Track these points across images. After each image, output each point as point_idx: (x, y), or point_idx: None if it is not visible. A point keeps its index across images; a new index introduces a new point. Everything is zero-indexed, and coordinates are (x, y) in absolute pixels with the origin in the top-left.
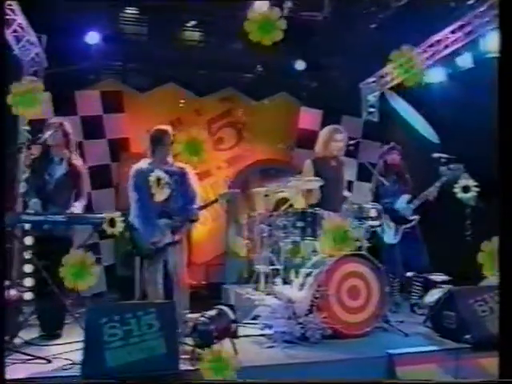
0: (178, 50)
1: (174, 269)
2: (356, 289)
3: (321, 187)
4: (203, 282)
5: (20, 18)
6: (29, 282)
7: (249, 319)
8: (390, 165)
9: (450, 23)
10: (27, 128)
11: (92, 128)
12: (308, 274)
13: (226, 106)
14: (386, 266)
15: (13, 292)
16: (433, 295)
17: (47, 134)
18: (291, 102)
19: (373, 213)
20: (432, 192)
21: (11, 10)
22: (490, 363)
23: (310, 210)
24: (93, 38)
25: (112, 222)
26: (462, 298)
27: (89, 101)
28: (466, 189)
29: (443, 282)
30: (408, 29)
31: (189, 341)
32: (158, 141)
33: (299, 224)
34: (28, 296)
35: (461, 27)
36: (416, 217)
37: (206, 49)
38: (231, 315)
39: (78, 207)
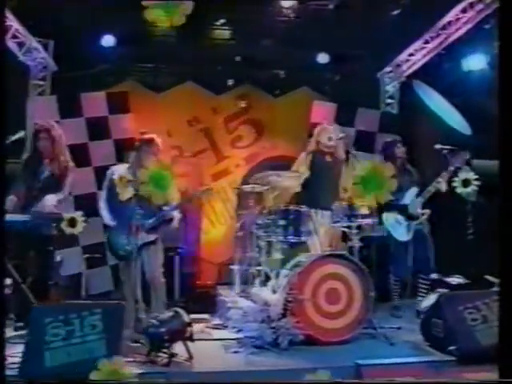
0: (194, 48)
1: (148, 269)
2: (335, 292)
3: (313, 183)
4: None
5: (16, 25)
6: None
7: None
8: (390, 159)
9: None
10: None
11: (97, 129)
12: (286, 276)
13: (243, 103)
14: (395, 266)
15: None
16: (430, 300)
17: (17, 135)
18: (313, 97)
19: (364, 210)
20: (441, 183)
21: (5, 17)
22: (475, 378)
23: (293, 208)
24: (109, 40)
25: (72, 222)
26: (450, 304)
27: (94, 102)
28: (466, 182)
29: (459, 286)
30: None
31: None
32: (141, 148)
33: (281, 222)
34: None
35: (471, 5)
36: (427, 211)
37: (223, 46)
38: (186, 318)
39: (49, 200)
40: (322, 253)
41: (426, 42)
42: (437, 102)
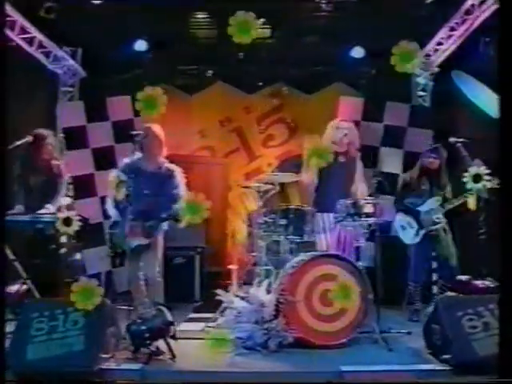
0: (226, 48)
1: (144, 268)
2: (330, 294)
3: (324, 186)
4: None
5: (40, 36)
6: None
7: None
8: (426, 168)
9: None
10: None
11: (123, 132)
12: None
13: (276, 101)
14: (409, 269)
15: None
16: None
17: (17, 142)
18: (347, 92)
19: (368, 209)
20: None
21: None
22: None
23: (293, 207)
24: (142, 45)
25: (67, 221)
26: (449, 309)
27: (120, 106)
28: (476, 178)
29: (486, 290)
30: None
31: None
32: (145, 136)
33: (282, 222)
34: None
35: None
36: (442, 220)
37: (255, 45)
38: (168, 317)
39: (49, 208)
40: (315, 253)
41: (453, 29)
42: (479, 94)
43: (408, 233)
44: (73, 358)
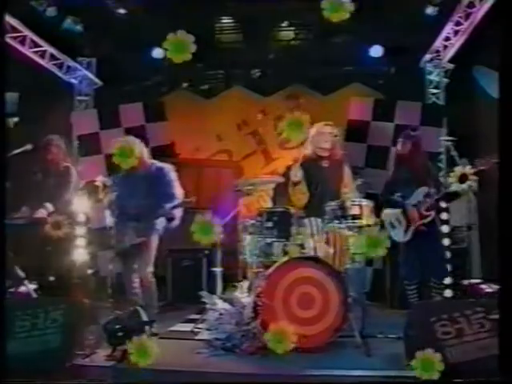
0: (241, 52)
1: (138, 269)
2: (309, 297)
3: (309, 190)
4: None
5: (51, 49)
6: None
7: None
8: (399, 155)
9: None
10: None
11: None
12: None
13: (292, 103)
14: (403, 268)
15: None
16: None
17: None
18: (365, 92)
19: (355, 210)
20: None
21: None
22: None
23: (279, 209)
24: (159, 52)
25: (57, 225)
26: (422, 314)
27: (132, 113)
28: (462, 177)
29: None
30: None
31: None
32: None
33: (267, 224)
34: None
35: None
36: (432, 213)
37: (271, 48)
38: (144, 317)
39: (48, 207)
40: (294, 256)
41: (458, 24)
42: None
43: (398, 230)
44: (48, 354)
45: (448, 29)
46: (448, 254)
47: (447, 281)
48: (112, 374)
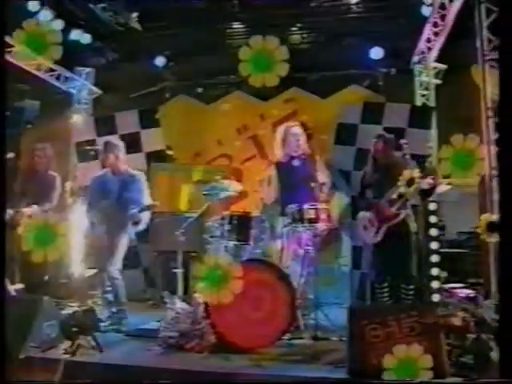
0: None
1: (106, 267)
2: (258, 298)
3: (284, 193)
4: None
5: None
6: None
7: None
8: (373, 155)
9: None
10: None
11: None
12: None
13: (290, 107)
14: (370, 269)
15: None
16: None
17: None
18: (363, 95)
19: (311, 215)
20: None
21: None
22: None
23: (237, 213)
24: (161, 60)
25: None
26: (356, 317)
27: (127, 120)
28: (410, 182)
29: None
30: None
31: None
32: (108, 150)
33: (226, 227)
34: None
35: None
36: (402, 212)
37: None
38: (97, 315)
39: (34, 209)
40: (244, 258)
41: (436, 25)
42: None
43: (369, 232)
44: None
45: (427, 30)
46: (437, 258)
47: (435, 284)
48: (63, 365)
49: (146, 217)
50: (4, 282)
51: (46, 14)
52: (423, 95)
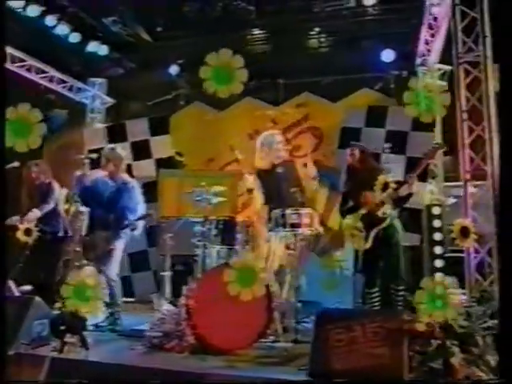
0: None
1: (104, 270)
2: (236, 302)
3: (265, 197)
4: None
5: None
6: None
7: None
8: (349, 165)
9: None
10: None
11: (140, 151)
12: None
13: (302, 111)
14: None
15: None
16: None
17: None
18: (374, 98)
19: (293, 219)
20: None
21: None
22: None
23: (223, 218)
24: (175, 69)
25: (28, 232)
26: (323, 321)
27: (137, 127)
28: (385, 186)
29: None
30: None
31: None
32: (109, 158)
33: (213, 232)
34: None
35: None
36: (387, 216)
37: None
38: (83, 314)
39: (34, 212)
40: (223, 262)
41: (430, 27)
42: None
43: (358, 239)
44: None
45: (424, 32)
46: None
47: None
48: (49, 362)
49: (142, 224)
50: (4, 281)
51: (62, 28)
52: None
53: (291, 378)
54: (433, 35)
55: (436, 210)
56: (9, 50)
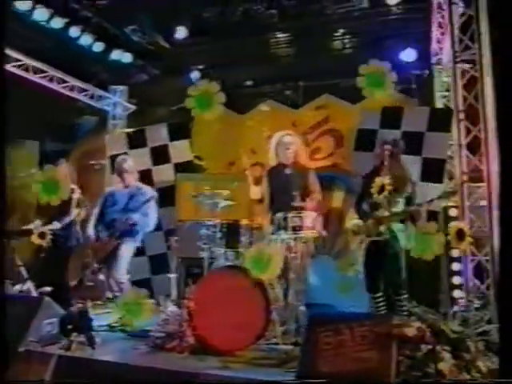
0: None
1: (112, 272)
2: (235, 303)
3: (272, 197)
4: None
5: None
6: None
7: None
8: (376, 164)
9: None
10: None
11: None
12: None
13: (322, 113)
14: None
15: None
16: None
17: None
18: (396, 98)
19: (295, 222)
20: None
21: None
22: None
23: (226, 222)
24: (197, 74)
25: (42, 235)
26: (314, 323)
27: (157, 133)
28: (381, 189)
29: None
30: None
31: None
32: (121, 167)
33: (218, 235)
34: None
35: None
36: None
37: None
38: (90, 315)
39: (54, 224)
40: (223, 265)
41: (440, 26)
42: None
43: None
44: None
45: (435, 31)
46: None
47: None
48: (56, 360)
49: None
50: (4, 282)
51: (86, 39)
52: (444, 96)
53: (280, 378)
54: (443, 33)
55: (453, 212)
56: (31, 61)
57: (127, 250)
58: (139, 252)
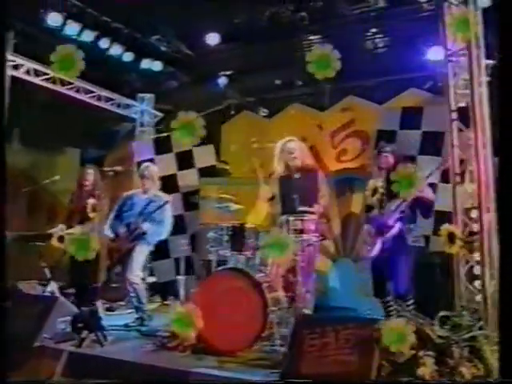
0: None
1: (126, 273)
2: (235, 305)
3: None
4: None
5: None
6: None
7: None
8: (382, 169)
9: None
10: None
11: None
12: None
13: (347, 115)
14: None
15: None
16: None
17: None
18: (421, 98)
19: (298, 225)
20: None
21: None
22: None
23: (232, 224)
24: (225, 80)
25: (61, 239)
26: (301, 326)
27: None
28: (374, 191)
29: None
30: None
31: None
32: (144, 174)
33: (224, 238)
34: None
35: None
36: (397, 224)
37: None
38: (99, 314)
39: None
40: (224, 266)
41: None
42: None
43: (367, 246)
44: (22, 336)
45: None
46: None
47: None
48: (67, 355)
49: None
50: (4, 281)
51: (116, 49)
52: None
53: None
54: None
55: (474, 214)
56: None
57: (141, 252)
58: (165, 255)
